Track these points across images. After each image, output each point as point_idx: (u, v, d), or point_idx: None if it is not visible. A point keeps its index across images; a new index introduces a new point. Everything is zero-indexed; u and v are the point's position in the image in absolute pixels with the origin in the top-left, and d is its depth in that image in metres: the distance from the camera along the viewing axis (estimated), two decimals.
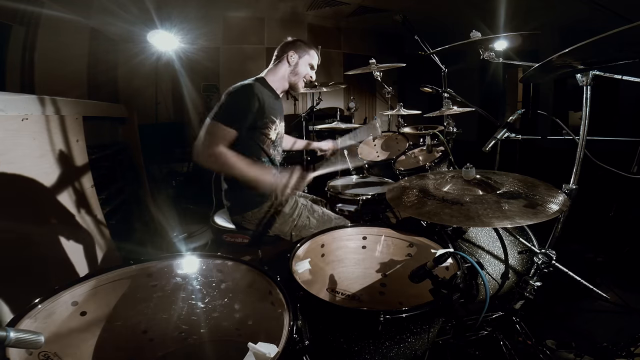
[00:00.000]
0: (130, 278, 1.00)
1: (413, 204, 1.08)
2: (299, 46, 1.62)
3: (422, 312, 0.86)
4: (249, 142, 1.49)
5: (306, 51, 1.64)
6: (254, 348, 0.76)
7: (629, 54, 0.92)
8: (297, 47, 1.62)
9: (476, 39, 1.66)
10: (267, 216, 1.51)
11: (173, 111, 4.27)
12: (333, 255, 1.34)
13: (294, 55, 1.61)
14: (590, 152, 1.16)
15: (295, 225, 1.53)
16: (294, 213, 1.53)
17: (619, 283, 1.85)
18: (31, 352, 0.71)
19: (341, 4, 3.98)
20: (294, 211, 1.54)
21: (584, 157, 1.13)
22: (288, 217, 1.52)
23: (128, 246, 2.18)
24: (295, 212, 1.53)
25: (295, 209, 1.54)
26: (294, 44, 1.63)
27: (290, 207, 1.53)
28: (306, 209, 1.57)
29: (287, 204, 1.53)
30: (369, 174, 2.62)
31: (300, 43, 1.64)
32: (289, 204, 1.53)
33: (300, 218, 1.53)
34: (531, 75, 1.15)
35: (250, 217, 1.51)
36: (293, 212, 1.53)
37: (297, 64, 1.62)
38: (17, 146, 1.39)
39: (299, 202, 1.57)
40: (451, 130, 2.27)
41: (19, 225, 1.33)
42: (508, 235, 1.42)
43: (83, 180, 1.86)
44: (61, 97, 1.74)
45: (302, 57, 1.63)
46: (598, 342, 1.40)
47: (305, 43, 1.66)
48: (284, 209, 1.51)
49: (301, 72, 1.64)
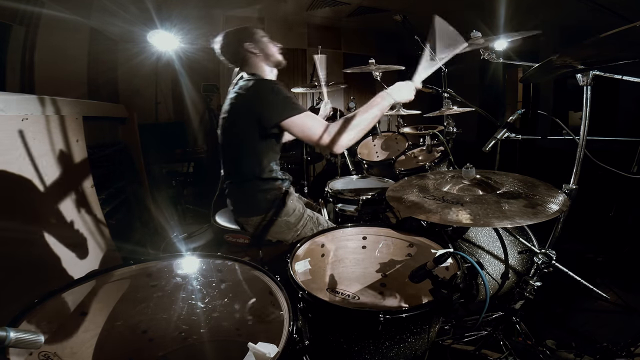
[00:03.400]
0: (130, 278, 1.00)
1: (413, 204, 1.08)
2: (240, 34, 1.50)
3: (422, 312, 0.86)
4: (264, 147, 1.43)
5: (249, 32, 1.51)
6: (254, 348, 0.76)
7: (629, 54, 0.92)
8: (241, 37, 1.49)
9: (477, 37, 1.66)
10: (272, 223, 1.47)
11: (173, 111, 4.27)
12: (333, 255, 1.34)
13: (250, 44, 1.48)
14: (590, 152, 1.16)
15: (298, 234, 1.49)
16: (298, 223, 1.50)
17: (619, 283, 1.85)
18: (31, 352, 0.71)
19: (341, 4, 3.98)
20: (299, 221, 1.50)
21: (584, 157, 1.13)
22: (292, 227, 1.49)
23: (128, 246, 2.18)
24: (300, 222, 1.50)
25: (300, 219, 1.50)
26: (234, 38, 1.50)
27: (297, 217, 1.49)
28: (311, 221, 1.53)
29: (293, 213, 1.49)
30: (369, 174, 2.62)
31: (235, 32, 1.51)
32: (295, 214, 1.49)
33: (304, 229, 1.50)
34: (531, 75, 1.15)
35: (254, 222, 1.48)
36: (298, 222, 1.50)
37: (261, 48, 1.50)
38: (17, 146, 1.39)
39: (305, 213, 1.53)
40: (451, 130, 2.27)
41: (19, 225, 1.33)
42: (508, 235, 1.42)
43: (83, 180, 1.86)
44: (61, 97, 1.74)
45: (255, 40, 1.50)
46: (598, 342, 1.40)
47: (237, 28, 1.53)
48: (289, 218, 1.48)
49: (270, 49, 1.53)
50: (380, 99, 1.32)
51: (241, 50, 1.49)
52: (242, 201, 1.50)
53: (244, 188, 1.47)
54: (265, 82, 1.41)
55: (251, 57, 1.50)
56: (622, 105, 2.96)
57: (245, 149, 1.42)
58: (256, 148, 1.41)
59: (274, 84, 1.36)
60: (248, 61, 1.51)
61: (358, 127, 1.28)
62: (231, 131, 1.45)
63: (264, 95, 1.32)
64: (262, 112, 1.32)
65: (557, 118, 1.40)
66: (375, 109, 1.31)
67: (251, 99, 1.35)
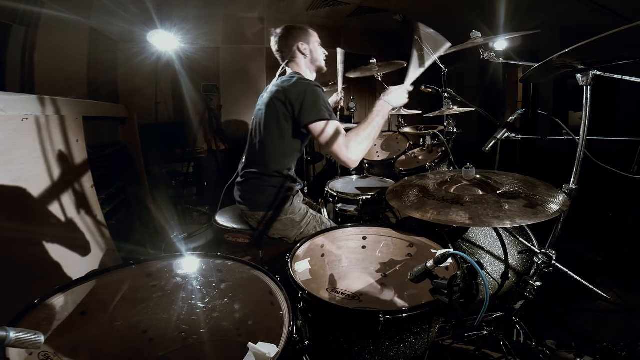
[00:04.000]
0: (130, 278, 1.00)
1: (413, 204, 1.08)
2: (299, 34, 1.58)
3: (422, 312, 0.86)
4: (291, 145, 1.49)
5: (308, 34, 1.60)
6: (254, 348, 0.76)
7: (629, 54, 0.92)
8: (299, 36, 1.57)
9: (477, 38, 1.67)
10: (277, 220, 1.50)
11: (173, 111, 4.26)
12: (333, 255, 1.34)
13: (304, 45, 1.57)
14: (590, 152, 1.16)
15: (301, 232, 1.52)
16: (302, 221, 1.53)
17: (619, 283, 1.85)
18: (31, 352, 0.71)
19: (341, 4, 3.97)
20: (303, 219, 1.53)
21: (584, 157, 1.12)
22: (297, 224, 1.52)
23: (128, 246, 2.18)
24: (304, 220, 1.53)
25: (304, 217, 1.54)
26: (292, 34, 1.57)
27: (301, 216, 1.53)
28: (315, 220, 1.56)
29: (298, 212, 1.53)
30: (369, 174, 2.62)
31: (297, 30, 1.59)
32: (300, 213, 1.53)
33: (307, 227, 1.53)
34: (531, 75, 1.15)
35: (259, 217, 1.51)
36: (302, 220, 1.53)
37: (311, 51, 1.59)
38: (17, 146, 1.39)
39: (309, 212, 1.57)
40: (451, 130, 2.27)
41: (19, 225, 1.33)
42: (508, 235, 1.42)
43: (83, 180, 1.86)
44: (61, 97, 1.74)
45: (309, 42, 1.59)
46: (598, 342, 1.40)
47: (300, 27, 1.61)
48: (294, 216, 1.51)
49: (319, 55, 1.62)
50: (379, 108, 1.40)
51: (293, 47, 1.56)
52: (254, 192, 1.52)
53: (261, 180, 1.50)
54: (307, 82, 1.45)
55: (299, 57, 1.58)
56: (622, 105, 2.96)
57: (276, 143, 1.46)
58: (285, 144, 1.46)
59: (314, 86, 1.42)
60: (295, 59, 1.59)
61: (369, 138, 1.37)
62: (267, 123, 1.48)
63: (303, 94, 1.38)
64: (299, 111, 1.37)
65: (557, 118, 1.40)
66: (379, 117, 1.39)
67: (291, 95, 1.39)
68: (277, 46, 1.60)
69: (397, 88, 1.43)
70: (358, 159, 1.37)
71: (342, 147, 1.34)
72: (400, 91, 1.43)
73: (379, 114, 1.39)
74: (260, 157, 1.50)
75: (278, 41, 1.59)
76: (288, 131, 1.44)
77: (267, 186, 1.49)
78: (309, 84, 1.43)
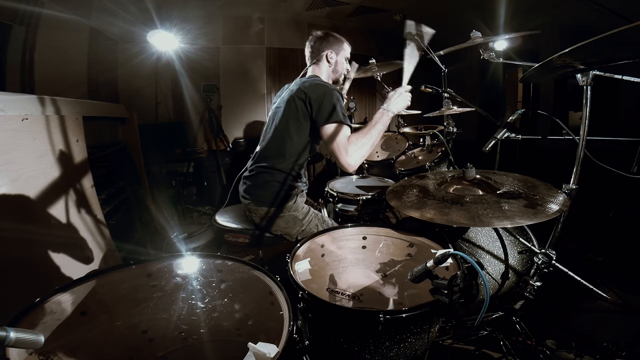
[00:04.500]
0: (130, 278, 1.00)
1: (413, 204, 1.08)
2: (334, 43, 1.64)
3: (422, 312, 0.86)
4: (305, 145, 1.52)
5: (341, 47, 1.66)
6: (254, 348, 0.76)
7: (629, 54, 0.92)
8: (333, 45, 1.63)
9: (477, 38, 1.67)
10: (279, 216, 1.53)
11: (173, 111, 4.26)
12: (333, 255, 1.34)
13: (333, 54, 1.63)
14: (590, 152, 1.16)
15: (302, 230, 1.55)
16: (304, 218, 1.56)
17: (619, 283, 1.85)
18: (31, 352, 0.71)
19: (341, 4, 3.97)
20: (305, 217, 1.56)
21: (584, 157, 1.13)
22: (299, 222, 1.55)
23: (128, 246, 2.18)
24: (306, 218, 1.56)
25: (306, 215, 1.57)
26: (327, 40, 1.63)
27: (303, 214, 1.57)
28: (316, 218, 1.60)
29: (301, 210, 1.56)
30: (369, 174, 2.62)
31: (334, 39, 1.65)
32: (302, 210, 1.57)
33: (309, 225, 1.56)
34: (531, 75, 1.15)
35: (263, 212, 1.53)
36: (304, 217, 1.56)
37: (336, 62, 1.65)
38: (17, 146, 1.39)
39: (311, 210, 1.60)
40: (451, 130, 2.27)
41: (19, 225, 1.33)
42: (508, 235, 1.42)
43: (83, 180, 1.86)
44: (61, 97, 1.74)
45: (339, 53, 1.65)
46: (598, 342, 1.40)
47: (337, 37, 1.67)
48: (297, 214, 1.54)
49: (341, 69, 1.69)
50: (380, 115, 1.46)
51: (323, 53, 1.63)
52: (261, 187, 1.53)
53: (270, 175, 1.52)
54: (328, 87, 1.49)
55: (324, 63, 1.65)
56: (622, 105, 2.96)
57: (292, 139, 1.49)
58: (300, 142, 1.50)
59: (335, 91, 1.46)
60: (319, 64, 1.65)
61: (368, 144, 1.43)
62: (285, 120, 1.51)
63: (323, 95, 1.42)
64: (317, 111, 1.42)
65: (557, 118, 1.40)
66: (379, 124, 1.45)
67: (312, 95, 1.44)
68: (310, 46, 1.66)
69: (395, 92, 1.47)
70: (356, 164, 1.42)
71: (343, 151, 1.39)
72: (400, 95, 1.47)
73: (379, 122, 1.45)
74: (274, 151, 1.53)
75: (313, 42, 1.65)
76: (305, 130, 1.48)
77: (275, 181, 1.51)
78: (329, 86, 1.48)
